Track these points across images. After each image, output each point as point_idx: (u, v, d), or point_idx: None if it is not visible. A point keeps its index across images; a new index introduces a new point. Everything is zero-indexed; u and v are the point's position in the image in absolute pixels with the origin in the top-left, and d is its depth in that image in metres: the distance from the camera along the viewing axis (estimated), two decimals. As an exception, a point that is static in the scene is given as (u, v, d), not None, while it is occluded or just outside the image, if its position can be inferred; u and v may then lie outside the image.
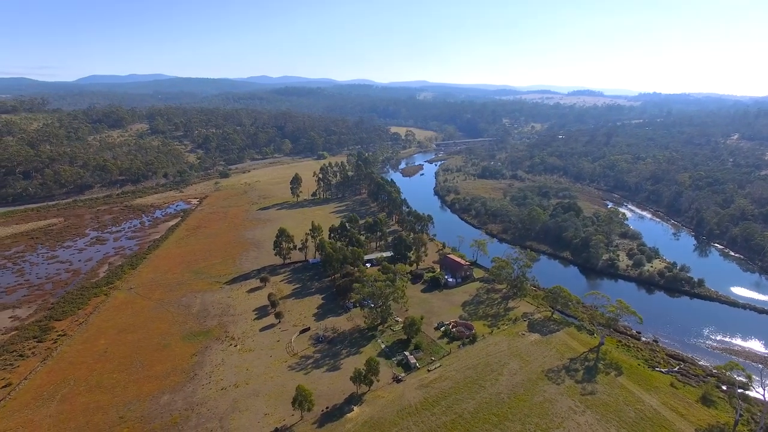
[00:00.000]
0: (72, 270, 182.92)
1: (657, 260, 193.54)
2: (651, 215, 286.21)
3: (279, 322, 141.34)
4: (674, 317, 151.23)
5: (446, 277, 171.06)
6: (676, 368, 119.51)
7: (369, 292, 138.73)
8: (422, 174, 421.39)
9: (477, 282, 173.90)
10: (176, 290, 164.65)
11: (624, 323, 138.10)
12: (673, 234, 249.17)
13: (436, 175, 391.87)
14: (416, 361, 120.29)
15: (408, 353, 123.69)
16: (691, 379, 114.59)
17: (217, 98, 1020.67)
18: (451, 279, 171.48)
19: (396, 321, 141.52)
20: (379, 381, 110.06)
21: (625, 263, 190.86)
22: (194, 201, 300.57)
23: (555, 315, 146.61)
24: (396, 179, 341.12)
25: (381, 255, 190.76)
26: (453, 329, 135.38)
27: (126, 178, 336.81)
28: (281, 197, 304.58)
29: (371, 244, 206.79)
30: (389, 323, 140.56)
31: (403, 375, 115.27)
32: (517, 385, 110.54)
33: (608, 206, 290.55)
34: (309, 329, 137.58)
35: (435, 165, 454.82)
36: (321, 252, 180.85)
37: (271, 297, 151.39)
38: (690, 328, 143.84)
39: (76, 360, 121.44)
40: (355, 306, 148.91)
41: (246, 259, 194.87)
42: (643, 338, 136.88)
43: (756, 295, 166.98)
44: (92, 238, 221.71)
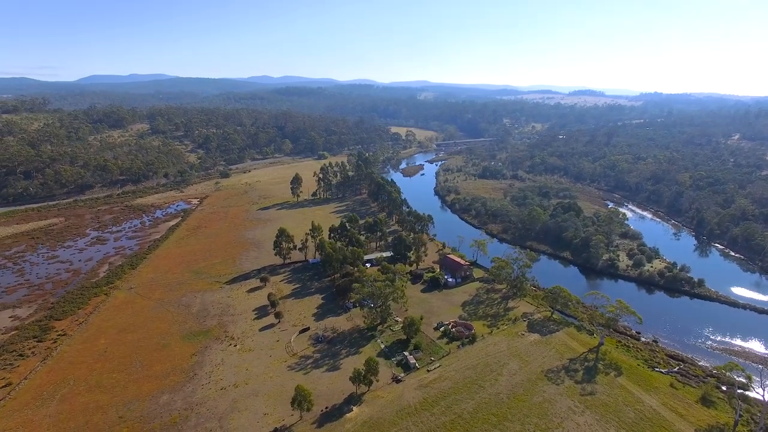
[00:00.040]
0: (72, 270, 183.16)
1: (657, 260, 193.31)
2: (651, 215, 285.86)
3: (279, 322, 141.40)
4: (674, 317, 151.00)
5: (446, 277, 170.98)
6: (676, 369, 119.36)
7: (368, 292, 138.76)
8: (423, 174, 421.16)
9: (477, 282, 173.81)
10: (176, 290, 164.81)
11: (624, 323, 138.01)
12: (674, 234, 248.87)
13: (437, 175, 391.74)
14: (416, 362, 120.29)
15: (407, 353, 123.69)
16: (691, 380, 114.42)
17: (218, 98, 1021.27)
18: (451, 279, 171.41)
19: (395, 321, 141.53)
20: (379, 381, 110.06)
21: (625, 263, 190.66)
22: (195, 201, 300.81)
23: (555, 315, 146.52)
24: (396, 179, 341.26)
25: (381, 255, 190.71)
26: (452, 329, 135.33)
27: (126, 178, 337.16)
28: (281, 197, 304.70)
29: (371, 244, 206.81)
30: (389, 323, 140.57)
31: (403, 375, 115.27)
32: (517, 386, 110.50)
33: (609, 206, 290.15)
34: (308, 329, 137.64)
35: (435, 165, 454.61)
36: (321, 252, 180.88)
37: (271, 297, 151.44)
38: (690, 329, 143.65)
39: (76, 360, 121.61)
40: (355, 306, 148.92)
41: (246, 259, 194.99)
42: (643, 338, 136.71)
43: (756, 296, 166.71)
44: (93, 238, 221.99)
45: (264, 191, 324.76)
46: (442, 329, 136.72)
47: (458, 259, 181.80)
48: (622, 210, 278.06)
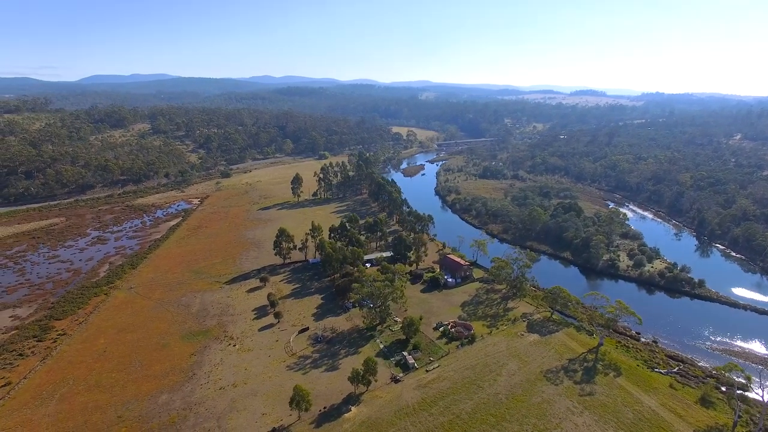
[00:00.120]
0: (73, 269, 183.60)
1: (658, 261, 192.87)
2: (652, 215, 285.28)
3: (278, 322, 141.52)
4: (674, 318, 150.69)
5: (446, 277, 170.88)
6: (676, 369, 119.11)
7: (368, 292, 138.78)
8: (423, 174, 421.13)
9: (476, 282, 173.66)
10: (176, 290, 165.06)
11: (623, 324, 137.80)
12: (675, 234, 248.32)
13: (437, 175, 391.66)
14: (414, 362, 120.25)
15: (406, 353, 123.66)
16: (691, 380, 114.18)
17: (220, 98, 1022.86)
18: (451, 279, 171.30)
19: (395, 321, 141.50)
20: (377, 381, 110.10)
21: (626, 263, 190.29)
22: (195, 201, 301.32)
23: (554, 315, 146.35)
24: (397, 179, 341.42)
25: (381, 255, 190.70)
26: (452, 329, 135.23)
27: (127, 178, 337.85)
28: (282, 197, 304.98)
29: (371, 244, 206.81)
30: (388, 323, 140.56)
31: (402, 375, 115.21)
32: (516, 386, 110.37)
33: (609, 206, 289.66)
34: (308, 329, 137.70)
35: (436, 165, 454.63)
36: (321, 252, 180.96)
37: (271, 297, 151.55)
38: (690, 329, 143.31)
39: (76, 359, 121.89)
40: (354, 306, 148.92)
41: (246, 259, 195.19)
42: (643, 339, 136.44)
43: (757, 296, 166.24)
44: (93, 238, 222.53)
45: (265, 191, 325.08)
46: (442, 329, 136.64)
47: (458, 260, 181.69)
48: (623, 210, 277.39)
